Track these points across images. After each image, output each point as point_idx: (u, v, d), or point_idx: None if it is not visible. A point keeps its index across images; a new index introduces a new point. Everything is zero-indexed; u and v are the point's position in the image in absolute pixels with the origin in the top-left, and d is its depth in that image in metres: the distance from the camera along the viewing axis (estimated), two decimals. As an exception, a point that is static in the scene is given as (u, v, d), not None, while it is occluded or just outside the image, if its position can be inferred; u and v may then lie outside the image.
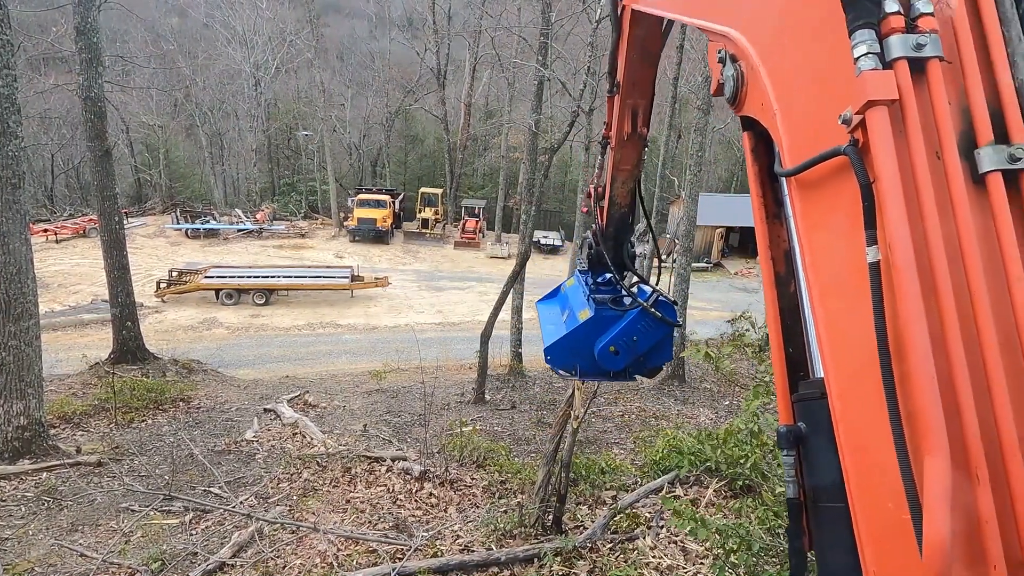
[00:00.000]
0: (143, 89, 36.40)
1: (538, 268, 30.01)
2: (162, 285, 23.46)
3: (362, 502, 7.27)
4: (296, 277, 25.47)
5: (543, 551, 5.59)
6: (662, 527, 6.15)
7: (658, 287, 3.58)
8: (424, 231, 39.27)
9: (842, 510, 1.23)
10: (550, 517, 6.19)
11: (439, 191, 42.80)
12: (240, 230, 36.83)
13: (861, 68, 1.11)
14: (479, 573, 5.56)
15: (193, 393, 12.54)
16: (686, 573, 5.30)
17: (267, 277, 25.11)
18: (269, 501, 7.37)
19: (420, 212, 40.34)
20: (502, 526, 6.24)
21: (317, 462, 8.45)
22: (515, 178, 39.37)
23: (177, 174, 44.84)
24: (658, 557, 5.52)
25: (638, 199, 3.71)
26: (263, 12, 43.02)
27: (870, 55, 1.11)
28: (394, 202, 38.21)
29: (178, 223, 36.47)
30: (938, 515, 0.94)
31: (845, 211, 1.19)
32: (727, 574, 4.35)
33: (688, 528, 4.61)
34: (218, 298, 23.58)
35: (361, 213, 35.83)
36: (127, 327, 13.94)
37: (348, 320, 23.08)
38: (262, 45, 43.49)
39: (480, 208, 40.84)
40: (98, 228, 14.15)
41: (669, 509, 5.77)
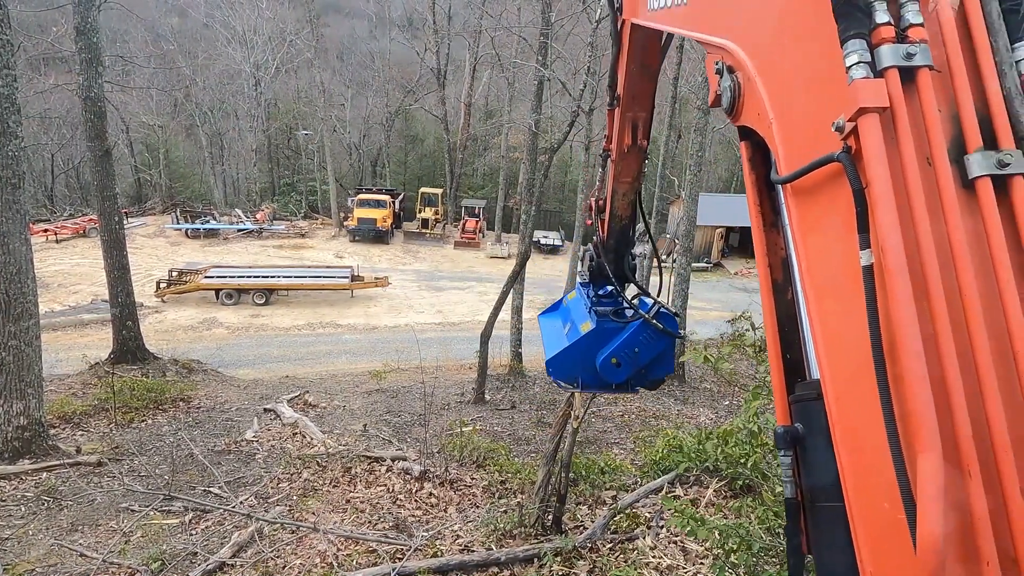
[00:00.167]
0: (143, 89, 36.39)
1: (538, 268, 30.02)
2: (162, 285, 23.46)
3: (362, 502, 7.27)
4: (296, 277, 25.47)
5: (543, 551, 5.59)
6: (662, 527, 6.15)
7: (659, 298, 3.59)
8: (424, 231, 39.27)
9: (839, 510, 1.24)
10: (550, 517, 6.19)
11: (439, 191, 42.80)
12: (240, 230, 36.83)
13: (853, 77, 1.14)
14: (479, 573, 5.56)
15: (193, 393, 12.54)
16: (686, 573, 5.30)
17: (267, 277, 25.11)
18: (269, 501, 7.37)
19: (420, 212, 40.34)
20: (502, 526, 6.23)
21: (317, 462, 8.44)
22: (515, 178, 39.37)
23: (177, 174, 44.83)
24: (658, 557, 5.52)
25: (639, 210, 3.72)
26: (263, 12, 43.00)
27: (861, 64, 1.14)
28: (394, 202, 38.21)
29: (178, 223, 36.46)
30: (931, 512, 0.96)
31: (839, 216, 1.22)
32: (727, 574, 4.35)
33: (688, 528, 4.62)
34: (218, 298, 23.58)
35: (361, 213, 35.83)
36: (127, 327, 13.94)
37: (348, 320, 23.08)
38: (262, 45, 43.47)
39: (480, 208, 40.83)
40: (98, 228, 14.16)
41: (669, 509, 5.78)
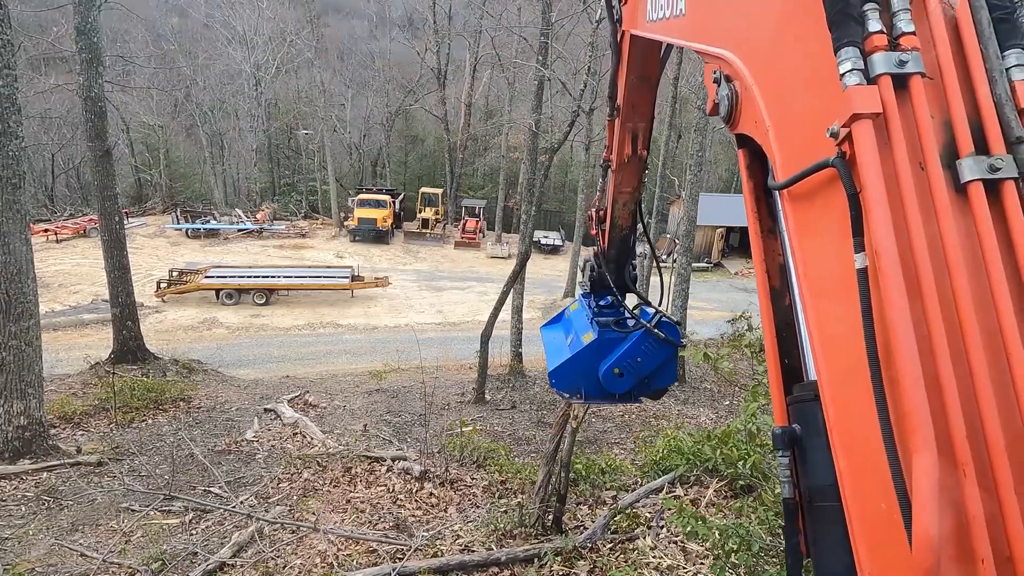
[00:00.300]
0: (143, 89, 36.39)
1: (538, 268, 30.02)
2: (162, 285, 23.47)
3: (362, 502, 7.27)
4: (296, 277, 25.49)
5: (543, 551, 5.58)
6: (662, 527, 6.15)
7: (660, 302, 3.59)
8: (424, 231, 39.26)
9: (837, 509, 1.25)
10: (550, 517, 6.18)
11: (439, 191, 42.80)
12: (240, 230, 36.84)
13: (846, 84, 1.17)
14: (479, 573, 5.55)
15: (193, 393, 12.54)
16: (686, 573, 5.29)
17: (267, 277, 25.12)
18: (269, 501, 7.37)
19: (420, 212, 40.34)
20: (502, 526, 6.23)
21: (317, 462, 8.44)
22: (515, 178, 39.36)
23: (177, 174, 44.83)
24: (658, 557, 5.52)
25: (639, 218, 3.73)
26: (263, 12, 43.01)
27: (855, 71, 1.17)
28: (394, 202, 38.22)
29: (178, 223, 36.47)
30: (927, 510, 0.97)
31: (834, 220, 1.24)
32: (728, 574, 4.35)
33: (688, 528, 4.62)
34: (218, 298, 23.59)
35: (361, 213, 35.84)
36: (127, 327, 13.94)
37: (348, 320, 23.08)
38: (262, 45, 43.46)
39: (480, 208, 40.83)
40: (98, 228, 14.16)
41: (670, 510, 5.78)
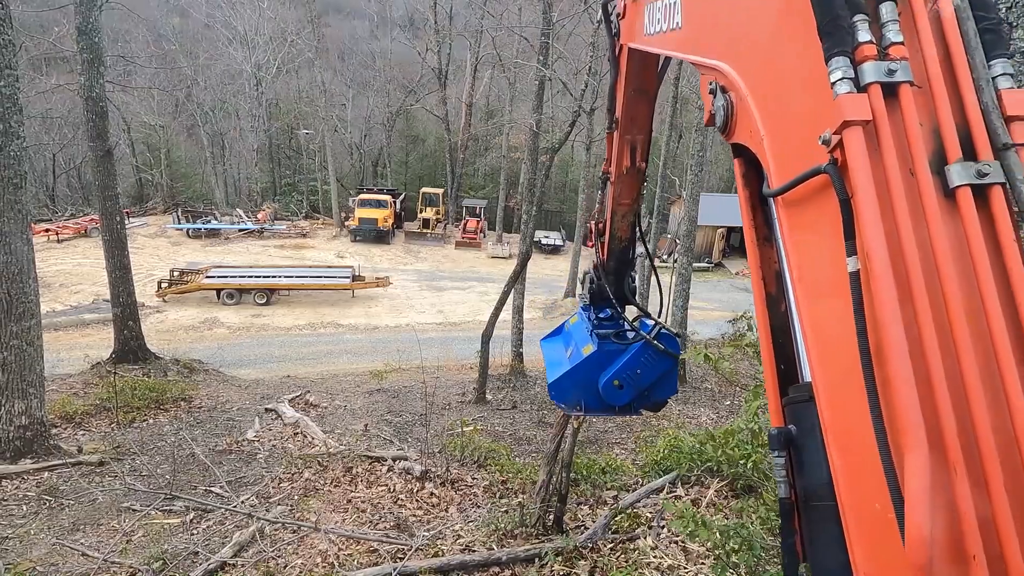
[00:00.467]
0: (144, 89, 36.44)
1: (539, 268, 30.02)
2: (163, 285, 23.48)
3: (363, 502, 7.27)
4: (297, 277, 25.50)
5: (544, 551, 5.58)
6: (663, 527, 6.15)
7: (660, 306, 3.60)
8: (425, 231, 39.28)
9: (832, 509, 1.27)
10: (551, 517, 6.18)
11: (440, 191, 42.81)
12: (241, 230, 36.86)
13: (837, 92, 1.20)
14: (480, 573, 5.55)
15: (194, 393, 12.55)
16: (687, 573, 5.29)
17: (268, 277, 25.13)
18: (270, 501, 7.38)
19: (421, 212, 40.35)
20: (503, 526, 6.23)
21: (318, 462, 8.45)
22: (516, 178, 39.35)
23: (178, 174, 44.87)
24: (659, 557, 5.52)
25: (638, 232, 3.75)
26: (264, 12, 43.02)
27: (845, 80, 1.20)
28: (395, 202, 38.22)
29: (179, 223, 36.49)
30: (919, 507, 0.99)
31: (827, 225, 1.27)
32: (728, 574, 4.35)
33: (689, 530, 4.62)
34: (219, 298, 23.60)
35: (362, 213, 35.86)
36: (128, 327, 13.96)
37: (349, 320, 23.09)
38: (263, 45, 43.48)
39: (481, 208, 40.84)
40: (99, 228, 14.17)
41: (671, 511, 5.77)
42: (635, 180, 3.49)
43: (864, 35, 1.22)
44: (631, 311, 3.91)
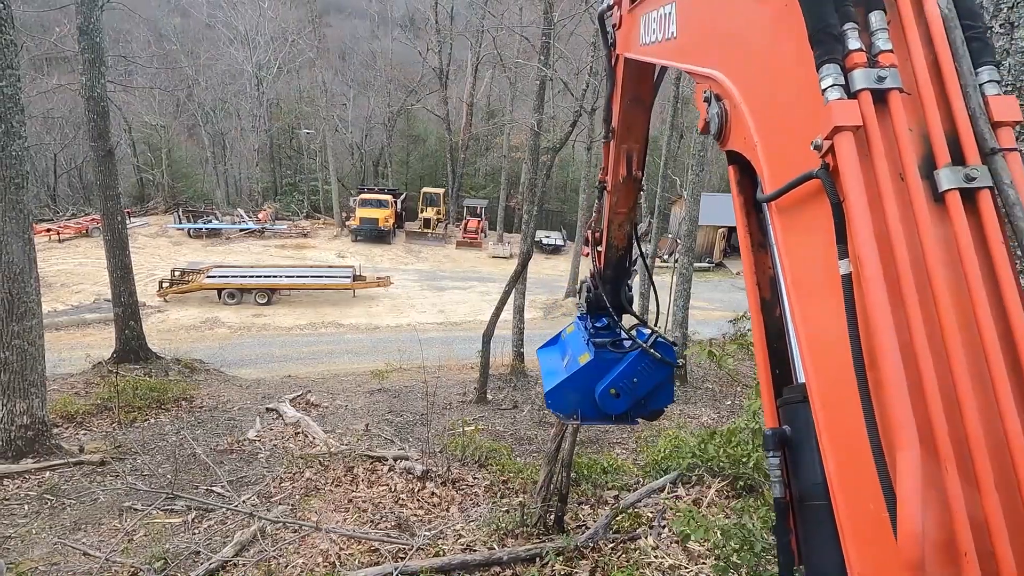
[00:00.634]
0: (146, 89, 36.45)
1: (540, 268, 30.03)
2: (164, 285, 23.51)
3: (364, 501, 7.27)
4: (298, 277, 25.51)
5: (545, 550, 5.58)
6: (664, 527, 6.15)
7: (656, 326, 3.61)
8: (426, 231, 39.29)
9: (826, 508, 1.28)
10: (552, 517, 6.19)
11: (441, 191, 42.82)
12: (242, 230, 36.89)
13: (828, 98, 1.23)
14: (481, 572, 5.56)
15: (195, 392, 12.56)
16: (688, 573, 5.29)
17: (269, 277, 25.15)
18: (271, 500, 7.38)
19: (422, 212, 40.35)
20: (504, 525, 6.23)
21: (319, 461, 8.45)
22: (517, 178, 39.34)
23: (179, 174, 44.91)
24: (660, 557, 5.52)
25: (634, 238, 3.75)
26: (265, 12, 43.05)
27: (836, 87, 1.23)
28: (396, 202, 38.23)
29: (180, 223, 36.53)
30: (911, 504, 1.01)
31: (820, 229, 1.30)
32: (730, 574, 4.35)
33: (690, 530, 4.62)
34: (220, 298, 23.62)
35: (363, 213, 35.88)
36: (130, 326, 13.97)
37: (350, 320, 23.10)
38: (264, 45, 43.51)
39: (482, 208, 40.85)
40: (101, 228, 14.18)
41: (672, 511, 5.78)
42: (631, 189, 3.49)
43: (854, 43, 1.25)
44: (629, 320, 3.92)
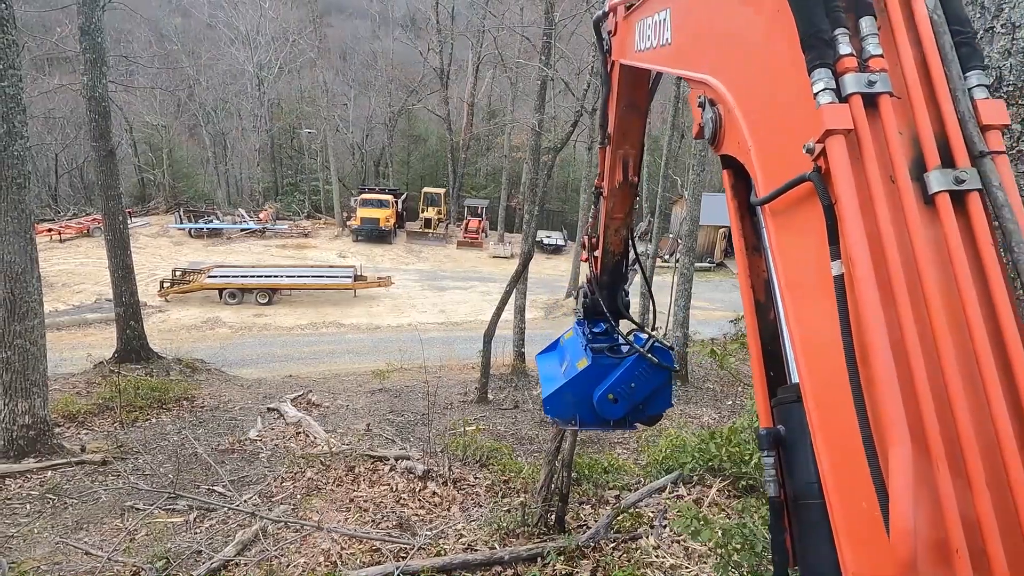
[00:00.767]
0: (147, 89, 36.51)
1: (541, 268, 30.04)
2: (166, 284, 23.53)
3: (365, 501, 7.28)
4: (299, 277, 25.52)
5: (546, 550, 5.59)
6: (665, 526, 6.15)
7: (654, 333, 3.62)
8: (427, 231, 39.30)
9: (820, 507, 1.30)
10: (553, 516, 6.19)
11: (442, 191, 42.83)
12: (243, 230, 36.91)
13: (820, 102, 1.25)
14: (483, 572, 5.56)
15: (197, 392, 12.57)
16: (689, 573, 5.30)
17: (270, 277, 25.16)
18: (273, 500, 7.39)
19: (423, 212, 40.37)
20: (505, 525, 6.24)
21: (320, 461, 8.46)
22: (518, 178, 39.35)
23: (180, 174, 44.94)
24: (661, 557, 5.52)
25: (630, 243, 3.76)
26: (266, 12, 43.07)
27: (827, 91, 1.25)
28: (397, 202, 38.25)
29: (181, 223, 36.56)
30: (902, 500, 1.02)
31: (812, 231, 1.32)
32: (731, 574, 4.35)
33: (691, 530, 4.62)
34: (221, 298, 23.64)
35: (364, 213, 35.90)
36: (131, 326, 13.98)
37: (351, 320, 23.11)
38: (265, 45, 43.54)
39: (483, 208, 40.85)
40: (102, 228, 14.20)
41: (674, 511, 5.78)
42: (627, 194, 3.51)
43: (845, 48, 1.27)
44: (627, 325, 3.92)
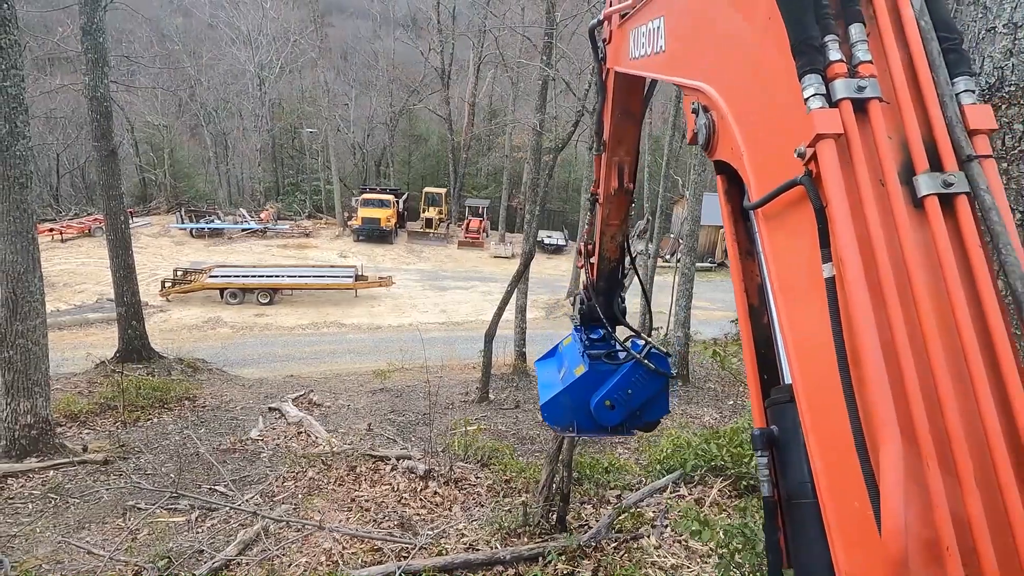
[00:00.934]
0: (148, 89, 36.55)
1: (541, 268, 30.04)
2: (167, 284, 23.53)
3: (367, 501, 7.29)
4: (300, 276, 25.52)
5: (548, 550, 5.60)
6: (666, 526, 6.15)
7: (651, 338, 3.63)
8: (428, 231, 39.28)
9: (813, 506, 1.31)
10: (554, 516, 6.20)
11: (443, 191, 42.81)
12: (244, 229, 36.92)
13: (810, 107, 1.27)
14: (484, 571, 5.57)
15: (198, 392, 12.59)
16: (690, 572, 5.30)
17: (271, 276, 25.16)
18: (274, 499, 7.40)
19: (424, 212, 40.34)
20: (506, 525, 6.25)
21: (322, 461, 8.47)
22: (519, 178, 39.34)
23: (182, 174, 45.00)
24: (663, 556, 5.53)
25: (626, 248, 3.77)
26: (267, 12, 43.10)
27: (817, 96, 1.27)
28: (398, 202, 38.24)
29: (183, 223, 36.58)
30: (894, 498, 1.03)
31: (804, 234, 1.34)
32: (732, 573, 4.35)
33: (692, 531, 4.62)
34: (222, 297, 23.64)
35: (365, 212, 35.89)
36: (132, 326, 14.00)
37: (352, 319, 23.11)
38: (266, 45, 43.57)
39: (484, 208, 40.85)
40: (103, 227, 14.22)
41: (675, 511, 5.78)
42: (623, 201, 3.51)
43: (835, 54, 1.29)
44: (625, 331, 3.93)
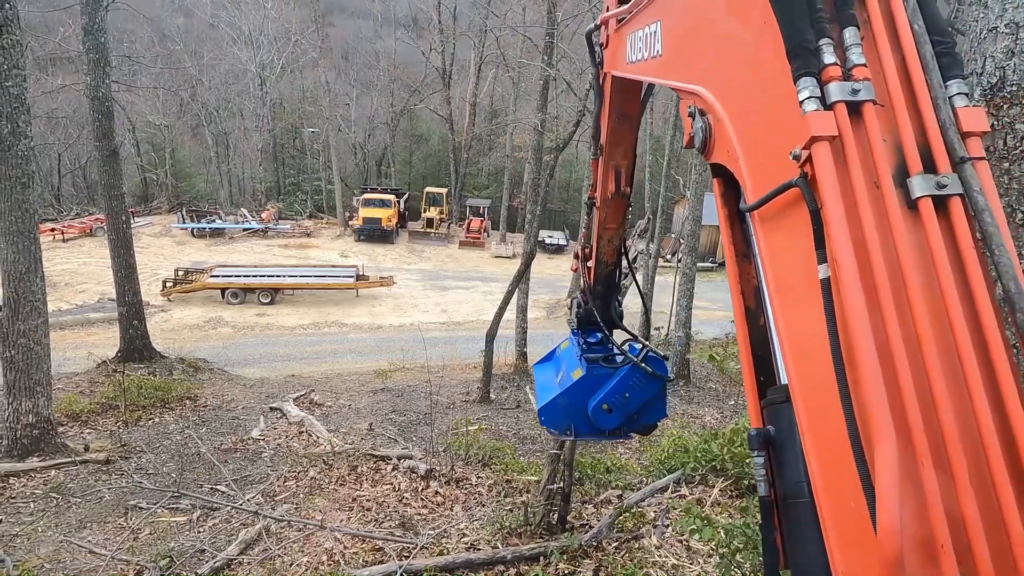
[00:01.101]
0: (149, 89, 36.57)
1: (542, 267, 30.03)
2: (168, 284, 23.56)
3: (368, 500, 7.30)
4: (301, 276, 25.53)
5: (549, 549, 5.60)
6: (667, 526, 6.15)
7: (648, 342, 3.63)
8: (429, 230, 39.28)
9: (809, 505, 1.32)
10: (555, 516, 6.20)
11: (444, 191, 42.82)
12: (245, 229, 36.94)
13: (805, 110, 1.28)
14: (485, 571, 5.57)
15: (199, 392, 12.60)
16: (691, 572, 5.30)
17: (272, 276, 25.18)
18: (276, 499, 7.41)
19: (425, 211, 40.36)
20: (508, 524, 6.25)
21: (323, 460, 8.48)
22: (520, 177, 39.33)
23: (183, 173, 45.03)
24: (664, 556, 5.53)
25: (624, 256, 3.78)
26: (269, 12, 43.14)
27: (812, 99, 1.29)
28: (399, 201, 38.25)
29: (184, 222, 36.60)
30: (889, 496, 1.04)
31: (800, 236, 1.35)
32: (733, 573, 4.36)
33: (693, 531, 4.63)
34: (224, 297, 23.67)
35: (366, 212, 35.90)
36: (134, 326, 14.02)
37: (353, 319, 23.13)
38: (267, 45, 43.62)
39: (485, 208, 40.85)
40: (105, 227, 14.24)
41: (676, 510, 5.78)
42: (620, 205, 3.52)
43: (829, 57, 1.30)
44: (623, 335, 3.93)
